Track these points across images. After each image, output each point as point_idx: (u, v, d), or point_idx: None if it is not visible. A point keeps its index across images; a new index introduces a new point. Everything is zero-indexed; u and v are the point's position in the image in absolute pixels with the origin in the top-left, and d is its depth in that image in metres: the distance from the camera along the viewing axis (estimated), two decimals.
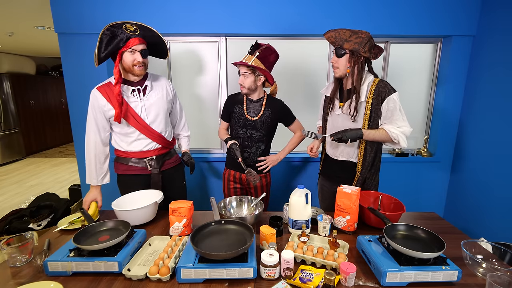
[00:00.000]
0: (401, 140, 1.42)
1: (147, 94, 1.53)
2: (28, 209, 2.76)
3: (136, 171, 1.59)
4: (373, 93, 1.42)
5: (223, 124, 1.89)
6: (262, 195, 1.43)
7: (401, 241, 1.06)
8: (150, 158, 1.58)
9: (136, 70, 1.44)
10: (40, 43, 4.68)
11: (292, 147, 1.86)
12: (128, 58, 1.41)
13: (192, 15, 2.18)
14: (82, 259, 0.99)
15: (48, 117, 6.40)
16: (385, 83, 1.43)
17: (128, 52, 1.40)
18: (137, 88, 1.50)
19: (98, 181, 1.55)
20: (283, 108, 1.79)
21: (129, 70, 1.44)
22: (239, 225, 1.15)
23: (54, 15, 2.14)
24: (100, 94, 1.46)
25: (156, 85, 1.58)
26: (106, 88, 1.47)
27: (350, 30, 1.40)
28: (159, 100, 1.56)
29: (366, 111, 1.44)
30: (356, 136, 1.41)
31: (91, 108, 1.49)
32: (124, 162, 1.59)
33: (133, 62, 1.42)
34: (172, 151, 1.71)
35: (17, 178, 4.51)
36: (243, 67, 1.63)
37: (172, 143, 1.68)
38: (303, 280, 0.95)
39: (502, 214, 2.03)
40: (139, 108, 1.50)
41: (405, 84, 2.50)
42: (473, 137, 2.30)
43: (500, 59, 2.06)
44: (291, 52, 2.42)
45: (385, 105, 1.41)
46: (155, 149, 1.59)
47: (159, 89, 1.58)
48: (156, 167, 1.59)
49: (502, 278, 0.86)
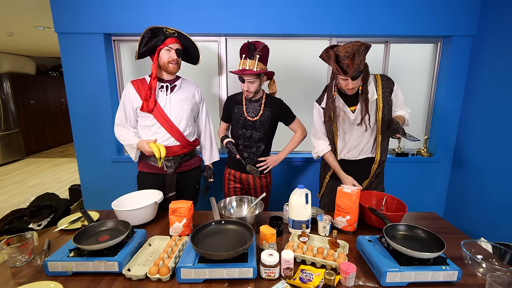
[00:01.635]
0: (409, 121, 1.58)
1: (175, 92, 1.63)
2: (28, 209, 2.76)
3: (153, 169, 1.65)
4: (381, 87, 1.49)
5: (223, 124, 1.90)
6: (262, 195, 1.43)
7: (401, 241, 1.06)
8: (167, 158, 1.62)
9: (170, 67, 1.56)
10: (40, 43, 4.67)
11: (293, 147, 1.84)
12: (165, 55, 1.54)
13: (192, 15, 2.18)
14: (82, 259, 0.99)
15: (48, 117, 6.40)
16: (386, 76, 1.53)
17: (165, 49, 1.54)
18: (166, 85, 1.61)
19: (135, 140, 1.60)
20: (283, 107, 1.79)
21: (163, 67, 1.57)
22: (239, 225, 1.15)
23: (54, 15, 2.14)
24: (132, 87, 1.59)
25: (185, 87, 1.68)
26: (139, 82, 1.60)
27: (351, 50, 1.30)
28: (185, 100, 1.64)
29: (378, 106, 1.50)
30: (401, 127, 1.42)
31: (123, 99, 1.62)
32: (145, 159, 1.66)
33: (169, 59, 1.54)
34: (191, 153, 1.74)
35: (17, 178, 4.51)
36: (249, 76, 1.60)
37: (192, 144, 1.70)
38: (303, 280, 0.95)
39: (502, 214, 2.03)
40: (163, 102, 1.59)
41: (405, 84, 2.49)
42: (473, 137, 2.30)
43: (500, 59, 2.05)
44: (291, 52, 2.41)
45: (394, 94, 1.52)
46: (173, 145, 1.61)
47: (187, 90, 1.67)
48: (172, 167, 1.63)
49: (502, 278, 0.86)
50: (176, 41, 1.56)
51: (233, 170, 1.84)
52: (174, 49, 1.55)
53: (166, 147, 1.58)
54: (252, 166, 1.76)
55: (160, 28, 1.52)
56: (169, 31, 1.54)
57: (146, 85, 1.58)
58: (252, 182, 1.82)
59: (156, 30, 1.52)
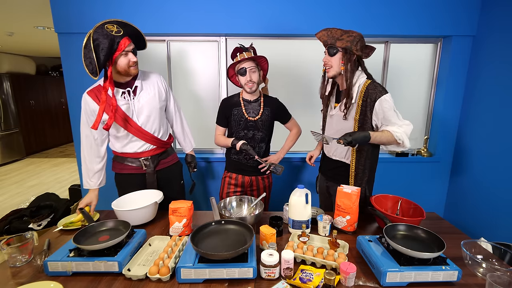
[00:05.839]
0: (405, 140, 1.37)
1: (138, 95, 1.49)
2: (28, 209, 2.76)
3: (132, 170, 1.58)
4: (363, 96, 1.38)
5: (220, 129, 1.82)
6: (262, 195, 1.43)
7: (401, 241, 1.06)
8: (145, 158, 1.57)
9: (132, 71, 1.41)
10: (40, 43, 4.68)
11: (291, 145, 1.87)
12: (123, 61, 1.36)
13: (192, 15, 2.18)
14: (82, 259, 0.99)
15: (48, 117, 6.40)
16: (375, 85, 1.38)
17: (122, 55, 1.35)
18: (127, 90, 1.46)
19: (92, 185, 1.54)
20: (280, 106, 1.81)
21: (124, 73, 1.40)
22: (239, 225, 1.15)
23: (54, 15, 2.14)
24: (91, 99, 1.43)
25: (147, 84, 1.53)
26: (97, 92, 1.43)
27: (341, 30, 1.40)
28: (151, 100, 1.51)
29: (356, 113, 1.42)
30: (364, 139, 1.34)
31: (83, 112, 1.46)
32: (120, 161, 1.59)
33: (129, 63, 1.38)
34: (168, 150, 1.69)
35: (17, 178, 4.51)
36: (248, 62, 1.62)
37: (168, 143, 1.65)
38: (303, 280, 0.95)
39: (502, 214, 2.03)
40: (130, 111, 1.47)
41: (405, 84, 2.50)
42: (473, 137, 2.30)
43: (500, 59, 2.05)
44: (290, 52, 2.41)
45: (378, 106, 1.35)
46: (150, 150, 1.57)
47: (150, 88, 1.53)
48: (151, 166, 1.58)
49: (502, 278, 0.86)
50: (129, 40, 1.36)
51: (234, 173, 1.80)
52: (130, 50, 1.37)
53: (142, 153, 1.55)
54: (274, 164, 1.71)
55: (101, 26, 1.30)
56: (112, 29, 1.31)
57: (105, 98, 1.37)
58: (256, 183, 1.82)
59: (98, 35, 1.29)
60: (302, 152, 2.56)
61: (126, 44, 1.35)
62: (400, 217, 1.27)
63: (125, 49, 1.34)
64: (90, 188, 1.54)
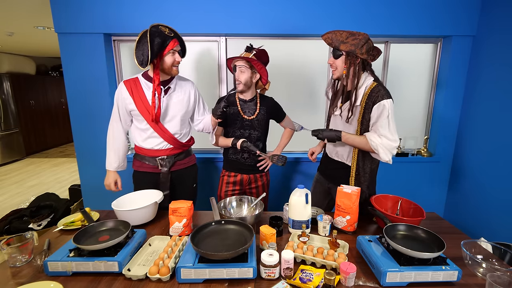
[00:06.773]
0: (380, 151, 1.33)
1: (168, 94, 1.58)
2: (28, 209, 2.76)
3: (148, 168, 1.64)
4: (366, 98, 1.37)
5: (218, 130, 1.80)
6: (262, 195, 1.43)
7: (401, 241, 1.06)
8: (161, 157, 1.62)
9: (174, 70, 1.53)
10: (40, 43, 4.67)
11: (286, 142, 1.92)
12: (170, 59, 1.49)
13: (192, 15, 2.18)
14: (82, 259, 0.99)
15: (48, 117, 6.40)
16: (379, 88, 1.36)
17: (170, 53, 1.48)
18: (160, 87, 1.55)
19: (115, 167, 1.66)
20: (275, 105, 1.83)
21: (168, 70, 1.51)
22: (239, 225, 1.15)
23: (54, 15, 2.14)
24: (125, 88, 1.55)
25: (180, 87, 1.63)
26: (132, 83, 1.55)
27: (347, 32, 1.39)
28: (179, 103, 1.60)
29: (359, 116, 1.41)
30: (334, 137, 1.41)
31: (116, 99, 1.58)
32: (140, 159, 1.66)
33: (173, 62, 1.50)
34: (186, 151, 1.72)
35: (17, 178, 4.50)
36: (240, 61, 1.63)
37: (186, 145, 1.69)
38: (303, 280, 0.95)
39: (502, 214, 2.03)
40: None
41: (405, 84, 2.50)
42: (473, 137, 2.30)
43: (500, 59, 2.06)
44: (291, 52, 2.42)
45: (375, 110, 1.35)
46: (166, 149, 1.62)
47: (181, 92, 1.62)
48: (166, 166, 1.62)
49: (502, 278, 0.86)
50: (176, 41, 1.50)
51: (233, 172, 1.80)
52: (177, 51, 1.51)
53: (159, 150, 1.60)
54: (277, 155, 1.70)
55: (158, 30, 1.44)
56: (165, 30, 1.46)
57: (139, 87, 1.53)
58: (254, 181, 1.82)
59: (155, 31, 1.42)
60: (302, 152, 2.56)
61: (176, 44, 1.49)
62: (400, 217, 1.27)
63: (173, 48, 1.48)
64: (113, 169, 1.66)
